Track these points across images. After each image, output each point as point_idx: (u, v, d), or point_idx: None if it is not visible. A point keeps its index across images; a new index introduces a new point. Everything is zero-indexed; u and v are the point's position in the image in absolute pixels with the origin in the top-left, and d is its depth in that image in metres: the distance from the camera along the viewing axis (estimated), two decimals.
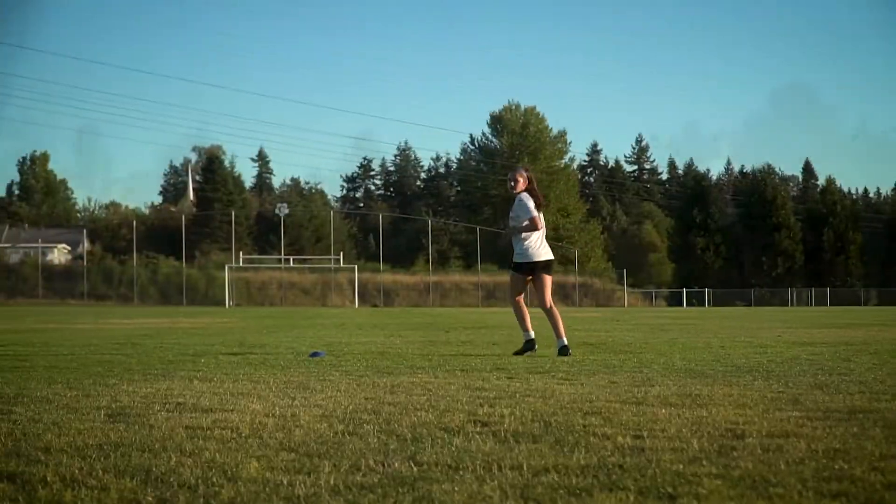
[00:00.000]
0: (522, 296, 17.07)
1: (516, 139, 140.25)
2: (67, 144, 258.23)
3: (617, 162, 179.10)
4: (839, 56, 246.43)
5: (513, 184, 17.06)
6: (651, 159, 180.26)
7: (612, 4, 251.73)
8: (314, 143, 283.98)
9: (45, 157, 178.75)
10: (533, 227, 16.63)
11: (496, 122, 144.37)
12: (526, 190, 17.01)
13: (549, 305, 16.72)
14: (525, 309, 16.88)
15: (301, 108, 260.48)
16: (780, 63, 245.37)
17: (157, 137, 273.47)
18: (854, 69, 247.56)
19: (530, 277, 16.96)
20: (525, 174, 17.18)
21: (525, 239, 16.75)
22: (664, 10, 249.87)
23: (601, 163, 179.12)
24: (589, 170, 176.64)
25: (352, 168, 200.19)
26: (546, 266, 16.86)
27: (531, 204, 16.75)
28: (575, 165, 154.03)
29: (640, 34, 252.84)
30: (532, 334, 16.70)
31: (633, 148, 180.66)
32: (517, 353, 16.53)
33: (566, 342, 16.49)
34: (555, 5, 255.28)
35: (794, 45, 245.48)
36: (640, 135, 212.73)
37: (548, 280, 16.84)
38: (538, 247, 16.79)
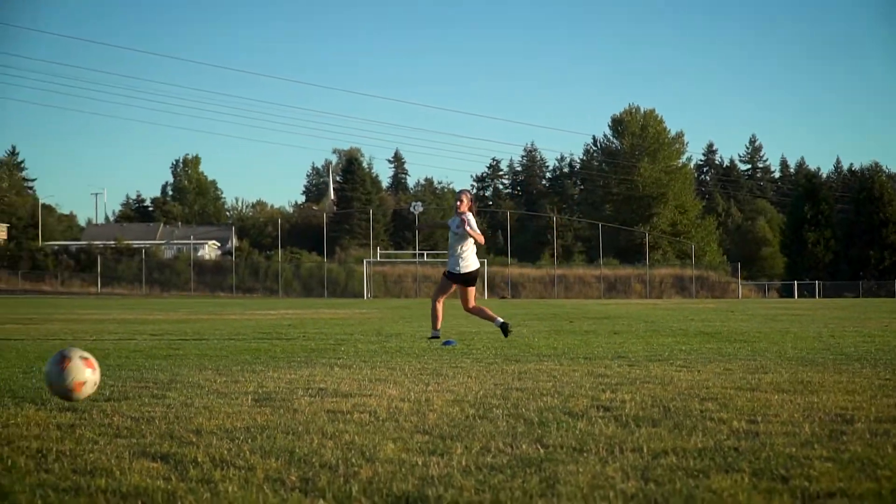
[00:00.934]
0: (444, 298, 18.26)
1: (636, 140, 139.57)
2: (217, 147, 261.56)
3: (732, 161, 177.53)
4: None
5: (458, 203, 17.93)
6: (764, 158, 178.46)
7: (728, 8, 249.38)
8: (447, 145, 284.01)
9: (196, 160, 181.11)
10: (479, 238, 17.57)
11: (617, 124, 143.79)
12: (468, 210, 17.90)
13: (471, 307, 18.06)
14: (441, 311, 18.19)
15: (434, 112, 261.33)
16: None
17: (300, 141, 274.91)
18: None
19: (454, 285, 18.06)
20: (469, 196, 18.12)
21: (461, 253, 17.73)
22: (777, 12, 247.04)
23: (716, 162, 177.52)
24: (705, 168, 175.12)
25: (481, 168, 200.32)
26: (472, 277, 17.96)
27: (469, 218, 17.62)
28: (692, 165, 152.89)
29: (754, 37, 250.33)
30: (439, 333, 17.86)
31: (747, 147, 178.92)
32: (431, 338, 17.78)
33: (501, 320, 17.79)
34: (674, 10, 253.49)
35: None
36: (753, 135, 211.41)
37: (471, 289, 18.05)
38: (469, 260, 17.82)
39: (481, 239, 17.53)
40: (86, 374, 7.64)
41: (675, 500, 4.62)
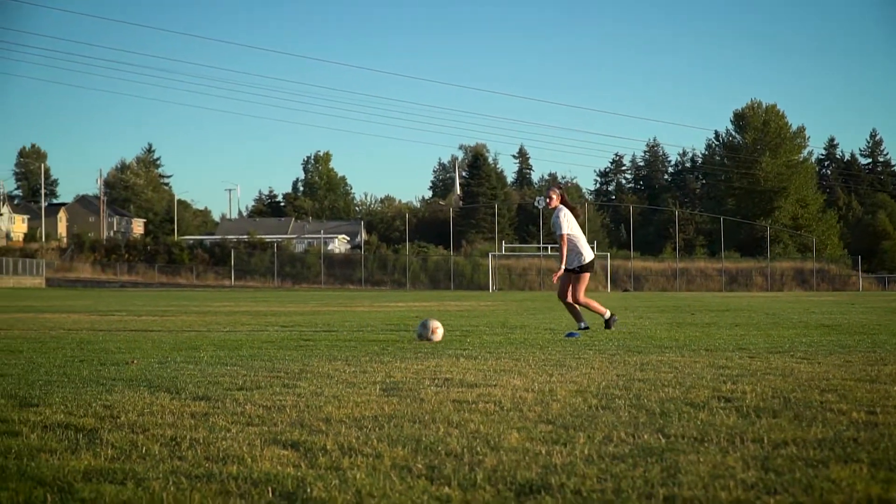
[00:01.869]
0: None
1: (758, 135, 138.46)
2: (347, 145, 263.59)
3: (852, 155, 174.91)
4: None
5: (548, 200, 17.96)
6: (885, 152, 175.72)
7: (846, 5, 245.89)
8: (570, 140, 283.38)
9: (327, 157, 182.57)
10: (561, 246, 17.72)
11: (739, 119, 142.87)
12: (561, 203, 17.90)
13: (572, 299, 17.95)
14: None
15: (558, 108, 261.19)
16: None
17: (428, 137, 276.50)
18: None
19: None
20: (558, 192, 18.06)
21: (570, 252, 17.75)
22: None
23: (837, 156, 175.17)
24: (826, 163, 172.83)
25: (605, 163, 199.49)
26: (585, 266, 18.04)
27: (562, 220, 17.65)
28: (813, 159, 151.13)
29: (873, 32, 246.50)
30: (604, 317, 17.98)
31: (868, 142, 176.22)
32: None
33: (585, 324, 17.90)
34: (795, 6, 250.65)
35: None
36: (874, 129, 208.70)
37: (583, 277, 18.08)
38: (577, 253, 17.87)
39: (563, 248, 17.67)
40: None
41: (794, 490, 4.56)
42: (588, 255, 17.83)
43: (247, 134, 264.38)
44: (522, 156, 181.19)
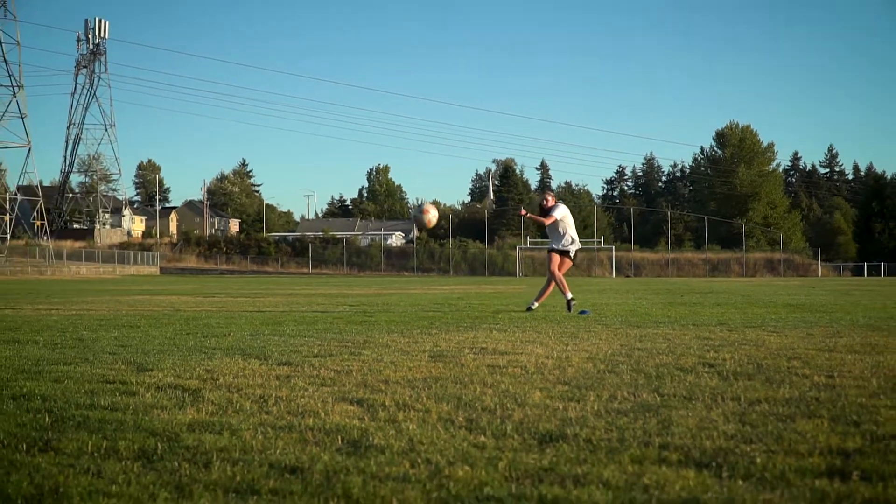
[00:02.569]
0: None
1: (735, 150, 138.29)
2: (403, 159, 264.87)
3: (813, 166, 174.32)
4: None
5: (545, 201, 17.56)
6: (840, 163, 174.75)
7: (808, 40, 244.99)
8: (582, 154, 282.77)
9: (386, 169, 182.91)
10: (543, 221, 17.29)
11: (720, 137, 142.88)
12: (556, 203, 17.57)
13: (555, 274, 17.17)
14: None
15: (573, 129, 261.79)
16: None
17: (467, 153, 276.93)
18: None
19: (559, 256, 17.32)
20: (552, 194, 17.90)
21: (562, 235, 17.18)
22: (847, 45, 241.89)
23: (801, 167, 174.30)
24: (791, 172, 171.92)
25: (610, 173, 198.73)
26: (565, 251, 17.28)
27: (557, 209, 17.30)
28: (780, 169, 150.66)
29: (831, 63, 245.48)
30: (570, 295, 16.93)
31: (826, 155, 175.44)
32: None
33: (570, 296, 16.98)
34: (767, 41, 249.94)
35: None
36: (831, 144, 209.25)
37: (563, 258, 17.30)
38: (561, 236, 17.24)
39: (544, 221, 17.29)
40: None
41: (767, 440, 4.52)
42: (569, 243, 17.30)
43: (322, 150, 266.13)
44: (544, 167, 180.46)
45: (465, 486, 3.74)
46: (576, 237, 17.42)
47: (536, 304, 17.22)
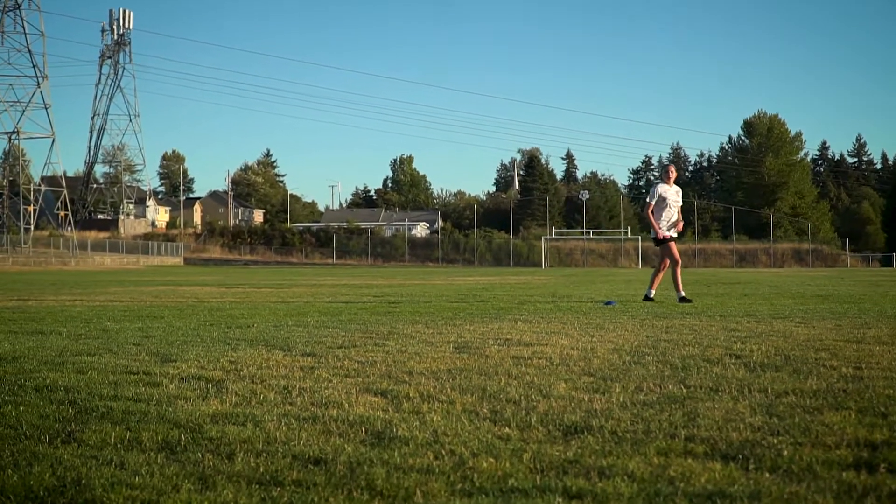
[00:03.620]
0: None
1: (763, 139, 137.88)
2: (427, 149, 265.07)
3: (842, 155, 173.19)
4: None
5: (670, 175, 17.17)
6: (868, 153, 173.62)
7: (840, 31, 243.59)
8: (608, 144, 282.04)
9: (410, 159, 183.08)
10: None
11: (748, 126, 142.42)
12: (662, 181, 17.24)
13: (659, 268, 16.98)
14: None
15: (598, 118, 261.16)
16: None
17: (492, 142, 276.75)
18: None
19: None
20: (670, 168, 17.41)
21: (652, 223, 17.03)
22: (874, 34, 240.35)
23: (829, 156, 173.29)
24: (819, 162, 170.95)
25: (636, 163, 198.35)
26: (656, 241, 17.06)
27: (650, 193, 17.14)
28: (808, 159, 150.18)
29: (862, 52, 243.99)
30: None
31: (855, 144, 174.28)
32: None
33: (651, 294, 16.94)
34: (793, 29, 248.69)
35: None
36: (859, 134, 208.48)
37: (660, 249, 17.04)
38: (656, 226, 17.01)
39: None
40: None
41: (793, 432, 4.51)
42: (661, 230, 16.83)
43: (346, 140, 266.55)
44: (569, 157, 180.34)
45: (490, 478, 3.74)
46: (666, 221, 17.04)
47: (682, 293, 16.63)
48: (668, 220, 17.01)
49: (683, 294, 16.52)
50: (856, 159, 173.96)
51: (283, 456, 4.11)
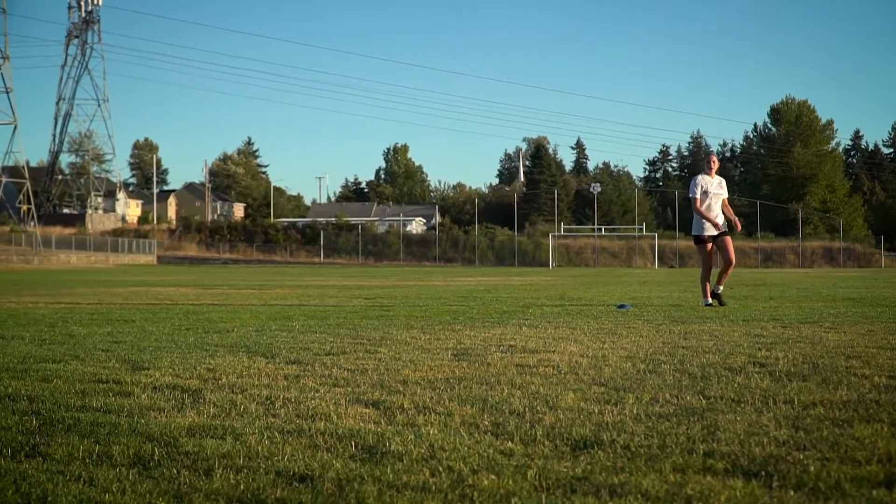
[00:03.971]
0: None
1: (791, 128, 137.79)
2: (424, 137, 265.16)
3: (876, 145, 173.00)
4: None
5: (714, 164, 17.06)
6: None
7: (872, 7, 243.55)
8: (622, 132, 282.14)
9: (405, 148, 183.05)
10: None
11: (775, 113, 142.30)
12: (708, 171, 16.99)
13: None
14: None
15: (611, 104, 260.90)
16: None
17: (495, 130, 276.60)
18: None
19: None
20: (714, 157, 17.22)
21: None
22: None
23: (862, 146, 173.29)
24: (852, 152, 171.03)
25: (653, 153, 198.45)
26: (695, 238, 17.11)
27: (691, 185, 16.92)
28: (840, 149, 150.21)
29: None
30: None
31: (891, 133, 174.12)
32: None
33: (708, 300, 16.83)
34: (827, 9, 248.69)
35: None
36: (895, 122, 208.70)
37: (699, 248, 17.13)
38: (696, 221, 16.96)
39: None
40: None
41: (821, 447, 4.53)
42: (700, 228, 16.79)
43: (335, 128, 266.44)
44: (579, 147, 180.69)
45: (491, 497, 3.76)
46: (709, 215, 16.78)
47: (721, 288, 16.87)
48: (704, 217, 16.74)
49: (713, 295, 16.75)
50: (892, 150, 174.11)
51: (266, 472, 4.13)
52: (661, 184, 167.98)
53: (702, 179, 16.82)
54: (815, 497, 3.75)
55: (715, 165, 17.05)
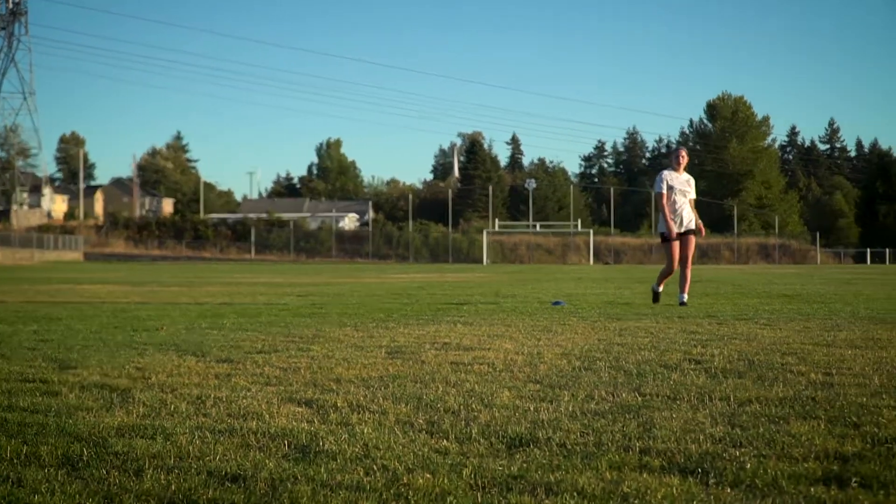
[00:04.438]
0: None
1: (727, 123, 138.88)
2: (357, 132, 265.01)
3: (812, 142, 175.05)
4: None
5: (684, 159, 16.15)
6: (842, 139, 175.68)
7: (810, 4, 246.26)
8: (558, 128, 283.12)
9: (338, 143, 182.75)
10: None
11: (711, 108, 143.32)
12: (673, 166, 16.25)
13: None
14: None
15: (547, 99, 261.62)
16: None
17: (430, 125, 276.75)
18: None
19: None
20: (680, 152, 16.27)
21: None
22: (852, 9, 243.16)
23: (799, 142, 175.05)
24: (788, 148, 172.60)
25: (588, 149, 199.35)
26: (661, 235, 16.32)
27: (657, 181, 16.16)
28: (776, 145, 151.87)
29: (832, 30, 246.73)
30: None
31: (827, 130, 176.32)
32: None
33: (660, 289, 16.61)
34: (765, 3, 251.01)
35: None
36: (832, 118, 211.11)
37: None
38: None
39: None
40: None
41: (757, 443, 4.58)
42: (665, 226, 15.99)
43: (266, 123, 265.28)
44: (515, 142, 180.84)
45: (426, 496, 3.77)
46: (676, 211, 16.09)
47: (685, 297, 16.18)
48: (674, 213, 16.05)
49: (655, 296, 16.48)
50: (828, 146, 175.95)
51: (197, 472, 4.11)
52: (596, 180, 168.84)
53: (668, 175, 16.02)
54: (751, 494, 3.79)
55: (684, 161, 16.15)
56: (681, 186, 16.04)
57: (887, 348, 8.68)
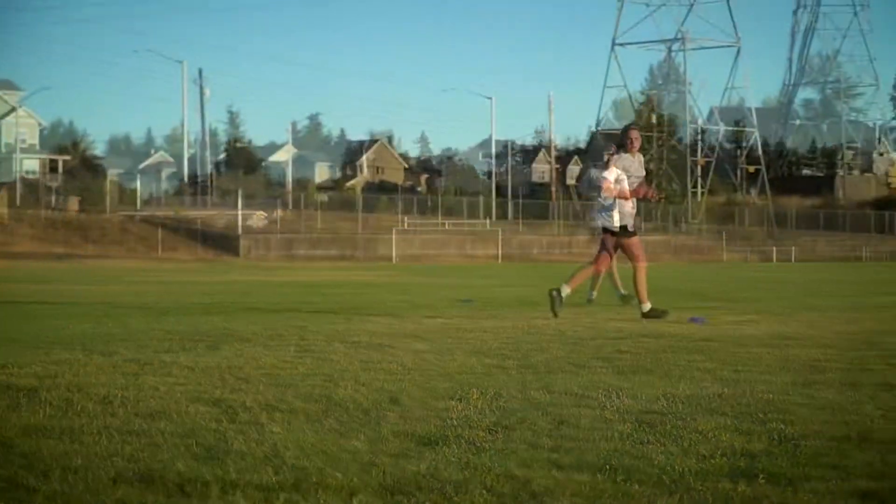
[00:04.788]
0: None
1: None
2: None
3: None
4: None
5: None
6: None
7: None
8: (465, 125, 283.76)
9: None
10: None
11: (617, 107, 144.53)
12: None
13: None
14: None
15: (454, 97, 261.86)
16: None
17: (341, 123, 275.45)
18: None
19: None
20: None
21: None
22: None
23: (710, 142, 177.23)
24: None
25: (498, 147, 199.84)
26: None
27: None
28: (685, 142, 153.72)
29: None
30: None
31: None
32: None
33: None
34: None
35: None
36: None
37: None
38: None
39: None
40: None
41: (665, 440, 4.63)
42: (608, 218, 13.13)
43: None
44: (423, 140, 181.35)
45: (336, 495, 3.77)
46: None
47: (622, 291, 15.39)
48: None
49: (624, 293, 15.42)
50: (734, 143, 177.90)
51: (106, 473, 4.08)
52: (505, 178, 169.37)
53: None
54: (659, 490, 3.83)
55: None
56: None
57: (793, 346, 8.81)
